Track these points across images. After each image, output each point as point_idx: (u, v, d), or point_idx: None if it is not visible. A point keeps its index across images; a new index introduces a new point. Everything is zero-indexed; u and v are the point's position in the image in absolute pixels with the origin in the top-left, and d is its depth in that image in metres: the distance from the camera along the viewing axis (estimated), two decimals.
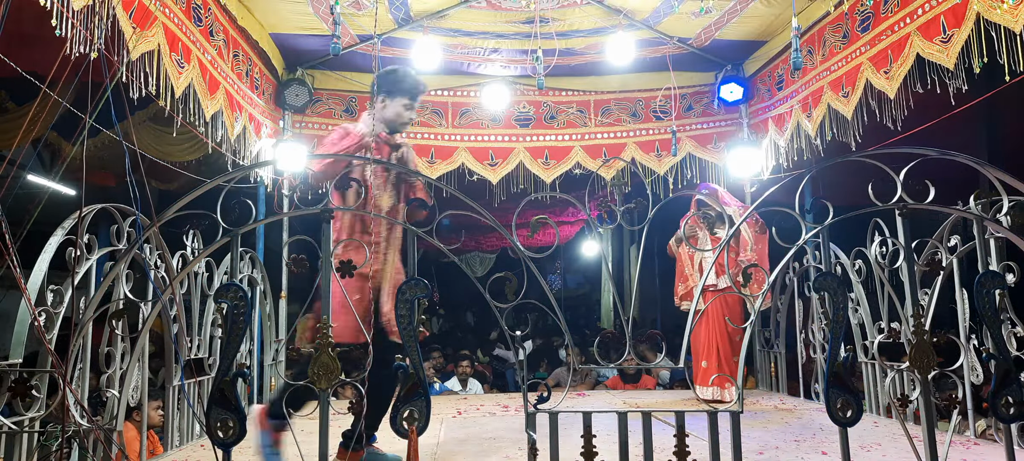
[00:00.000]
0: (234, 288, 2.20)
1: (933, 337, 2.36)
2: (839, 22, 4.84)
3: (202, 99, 4.26)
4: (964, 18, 3.64)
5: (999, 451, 2.72)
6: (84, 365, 3.07)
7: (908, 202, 2.43)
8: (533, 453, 2.24)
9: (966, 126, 5.69)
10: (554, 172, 6.40)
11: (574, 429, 2.25)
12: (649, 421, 2.27)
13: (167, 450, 3.70)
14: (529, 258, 2.38)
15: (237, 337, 2.19)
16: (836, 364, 2.28)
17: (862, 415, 2.28)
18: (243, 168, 4.84)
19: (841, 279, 2.42)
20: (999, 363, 2.36)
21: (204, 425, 2.23)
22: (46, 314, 2.84)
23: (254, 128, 5.31)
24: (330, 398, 2.23)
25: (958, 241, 3.62)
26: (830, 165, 2.66)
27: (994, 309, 2.43)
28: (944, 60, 3.82)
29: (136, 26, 3.45)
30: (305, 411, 2.61)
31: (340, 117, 6.26)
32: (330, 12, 4.82)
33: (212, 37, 4.48)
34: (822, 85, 5.05)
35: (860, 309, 4.45)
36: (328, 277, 2.28)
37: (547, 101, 6.47)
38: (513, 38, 5.75)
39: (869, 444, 3.52)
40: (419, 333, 2.26)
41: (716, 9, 5.26)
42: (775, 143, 5.85)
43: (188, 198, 2.46)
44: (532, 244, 2.44)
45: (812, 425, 4.14)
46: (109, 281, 3.02)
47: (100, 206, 3.13)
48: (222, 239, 2.39)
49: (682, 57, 6.08)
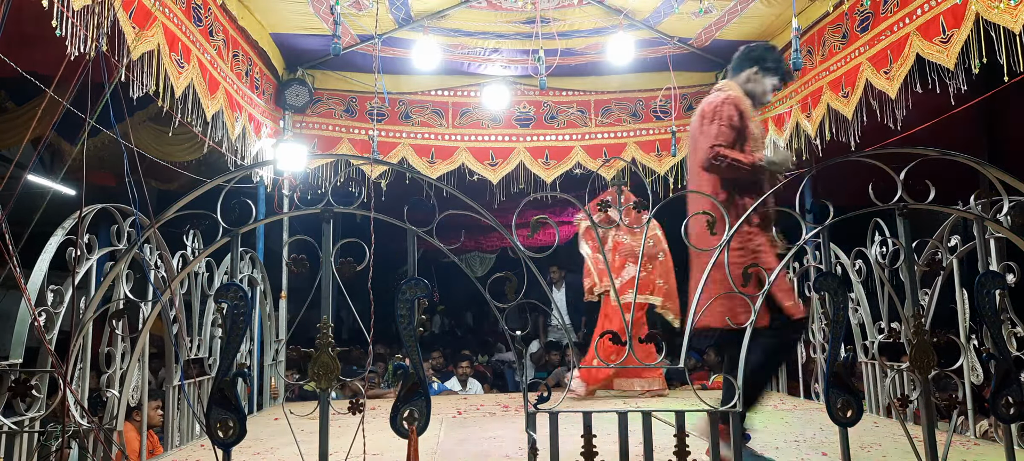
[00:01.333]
0: (234, 288, 2.20)
1: (933, 337, 2.36)
2: (839, 22, 4.84)
3: (202, 99, 4.26)
4: (963, 18, 3.64)
5: (999, 451, 2.72)
6: (84, 365, 3.07)
7: (908, 202, 2.43)
8: (533, 453, 2.24)
9: (966, 126, 5.70)
10: (554, 172, 6.41)
11: (574, 429, 2.25)
12: (649, 421, 2.27)
13: (167, 450, 3.71)
14: (529, 258, 2.38)
15: (237, 337, 2.19)
16: (836, 364, 2.28)
17: (862, 415, 2.28)
18: (243, 168, 4.84)
19: (841, 279, 2.42)
20: (999, 363, 2.36)
21: (204, 425, 2.23)
22: (46, 314, 2.84)
23: (254, 128, 5.31)
24: (330, 398, 2.23)
25: (958, 241, 3.62)
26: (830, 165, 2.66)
27: (994, 309, 2.43)
28: (944, 60, 3.82)
29: (136, 26, 3.45)
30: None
31: (340, 117, 6.27)
32: (330, 12, 4.82)
33: (212, 37, 4.49)
34: (821, 85, 5.05)
35: (860, 309, 4.45)
36: (329, 276, 2.28)
37: (547, 101, 6.47)
38: (513, 38, 5.75)
39: (869, 444, 3.52)
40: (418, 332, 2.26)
41: (716, 9, 5.26)
42: (775, 143, 5.85)
43: (188, 198, 2.46)
44: (532, 244, 2.44)
45: (812, 425, 4.14)
46: (109, 281, 3.02)
47: (100, 206, 3.13)
48: (222, 239, 2.39)
49: (682, 57, 6.08)
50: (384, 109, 6.26)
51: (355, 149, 6.21)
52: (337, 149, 6.19)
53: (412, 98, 6.37)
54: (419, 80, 6.23)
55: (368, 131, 6.23)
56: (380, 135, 6.24)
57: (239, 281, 2.26)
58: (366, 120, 6.26)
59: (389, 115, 6.32)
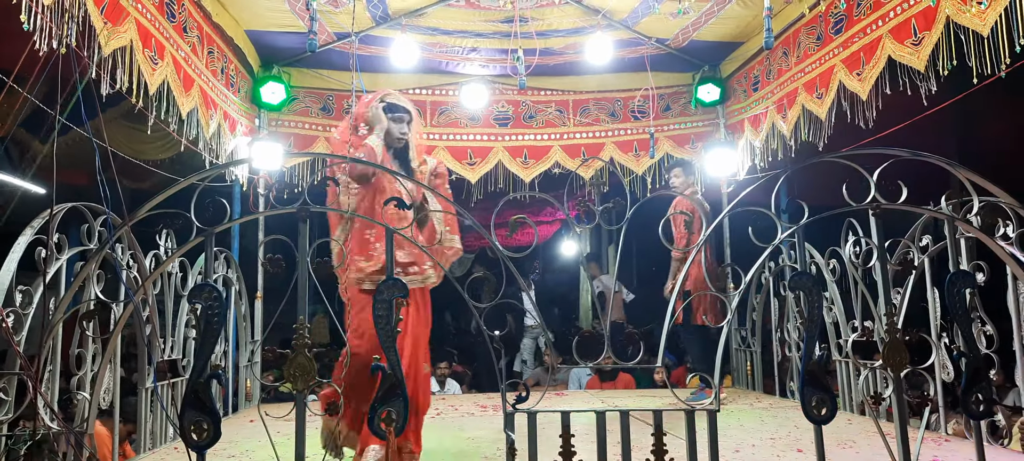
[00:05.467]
0: (208, 288, 2.16)
1: (905, 335, 2.40)
2: (814, 24, 4.89)
3: (177, 96, 4.19)
4: (934, 21, 3.70)
5: (970, 447, 2.77)
6: (54, 367, 3.01)
7: (881, 202, 2.46)
8: (512, 453, 2.24)
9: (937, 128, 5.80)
10: (533, 171, 6.40)
11: (553, 429, 2.26)
12: (627, 421, 2.28)
13: (139, 453, 3.65)
14: (508, 258, 2.37)
15: (211, 338, 2.16)
16: (811, 363, 2.30)
17: (836, 413, 2.31)
18: (218, 167, 4.78)
19: (816, 278, 2.44)
20: (969, 361, 2.40)
21: (178, 428, 2.19)
22: (15, 315, 2.78)
23: (229, 126, 5.24)
24: (306, 399, 2.21)
25: (930, 241, 3.67)
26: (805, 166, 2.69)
27: (964, 308, 2.47)
28: (915, 62, 3.88)
29: (107, 21, 3.39)
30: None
31: (317, 115, 6.21)
32: (306, 9, 4.77)
33: (186, 34, 4.42)
34: (797, 87, 5.10)
35: (834, 308, 4.50)
36: (305, 276, 2.26)
37: (526, 100, 6.47)
38: (492, 37, 5.74)
39: (844, 441, 3.56)
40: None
41: (693, 10, 5.29)
42: (751, 144, 5.90)
43: (161, 196, 2.42)
44: (511, 244, 2.43)
45: (787, 423, 4.19)
46: (79, 281, 2.96)
47: (70, 205, 3.07)
48: (196, 239, 2.35)
49: (660, 58, 6.12)
50: None
51: (332, 148, 6.15)
52: (313, 148, 6.13)
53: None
54: (397, 79, 6.19)
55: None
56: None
57: (213, 281, 2.23)
58: (343, 119, 6.20)
59: None
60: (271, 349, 6.29)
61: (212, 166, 4.90)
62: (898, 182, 2.48)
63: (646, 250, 6.00)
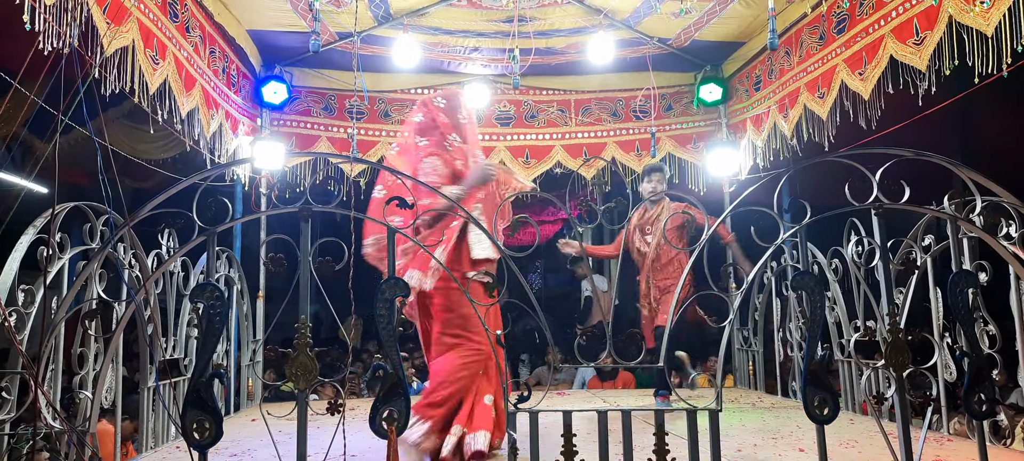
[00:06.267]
0: (210, 288, 2.17)
1: (908, 335, 2.39)
2: (816, 24, 4.89)
3: (178, 96, 4.20)
4: (937, 21, 3.69)
5: (972, 447, 2.77)
6: (56, 366, 3.01)
7: (884, 202, 2.45)
8: (513, 453, 2.24)
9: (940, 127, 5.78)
10: (535, 171, 6.40)
11: (555, 429, 2.25)
12: (629, 420, 2.28)
13: (141, 452, 3.65)
14: (510, 257, 2.37)
15: (213, 338, 2.16)
16: (813, 362, 2.30)
17: (838, 412, 2.30)
18: (219, 166, 4.78)
19: (818, 278, 2.44)
20: (972, 361, 2.39)
21: (180, 427, 2.20)
22: (17, 314, 2.78)
23: (231, 125, 5.24)
24: (308, 399, 2.21)
25: (932, 240, 3.67)
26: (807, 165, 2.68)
27: (967, 307, 2.46)
28: (917, 62, 3.87)
29: (110, 22, 3.39)
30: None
31: (319, 115, 6.21)
32: (309, 9, 4.78)
33: (188, 33, 4.42)
34: (799, 86, 5.10)
35: (837, 308, 4.50)
36: (306, 275, 2.26)
37: (528, 100, 6.47)
38: (494, 37, 5.74)
39: (846, 441, 3.56)
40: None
41: (696, 10, 5.29)
42: (753, 143, 5.90)
43: (163, 196, 2.42)
44: (513, 243, 2.43)
45: (789, 423, 4.18)
46: (82, 280, 2.97)
47: (72, 204, 3.07)
48: (198, 238, 2.35)
49: (662, 57, 6.11)
50: (363, 107, 6.21)
51: (334, 147, 6.16)
52: (315, 147, 6.13)
53: (392, 96, 6.33)
54: (399, 78, 6.20)
55: (347, 129, 6.18)
56: (359, 133, 6.20)
57: (215, 281, 2.23)
58: (345, 118, 6.21)
59: (368, 113, 6.28)
60: (273, 348, 6.29)
61: (214, 165, 4.90)
62: (900, 182, 2.48)
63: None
